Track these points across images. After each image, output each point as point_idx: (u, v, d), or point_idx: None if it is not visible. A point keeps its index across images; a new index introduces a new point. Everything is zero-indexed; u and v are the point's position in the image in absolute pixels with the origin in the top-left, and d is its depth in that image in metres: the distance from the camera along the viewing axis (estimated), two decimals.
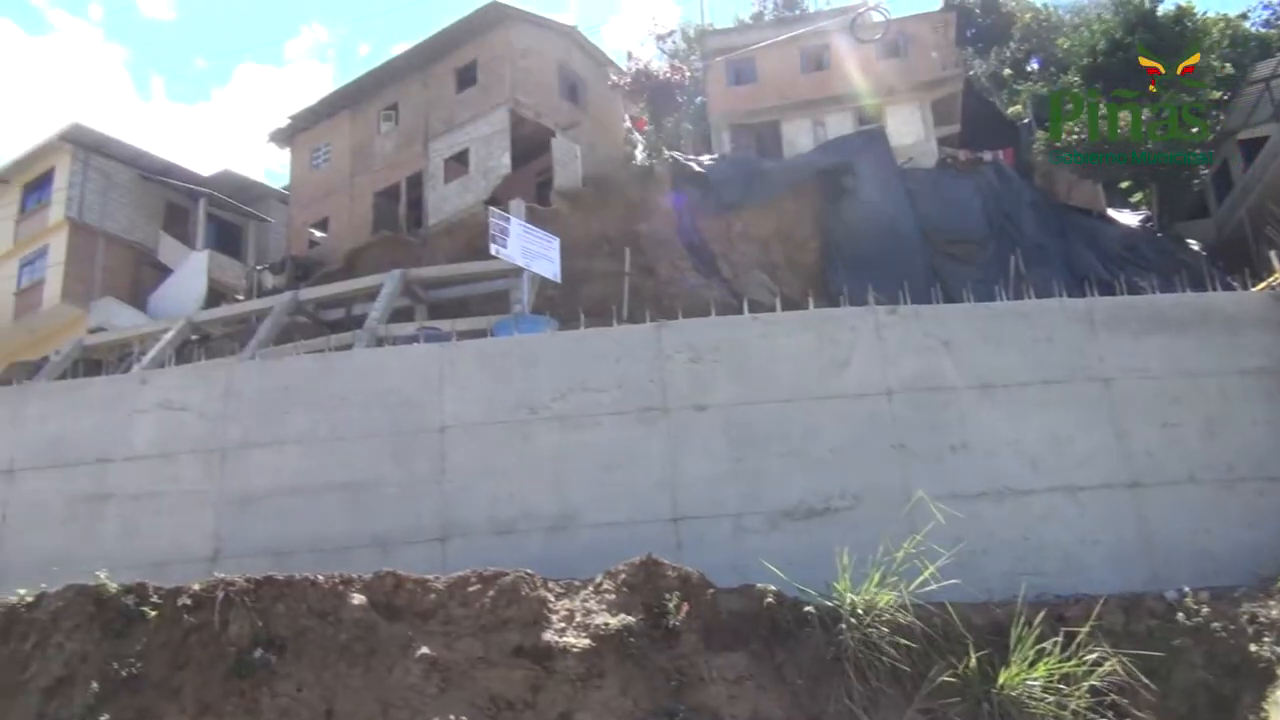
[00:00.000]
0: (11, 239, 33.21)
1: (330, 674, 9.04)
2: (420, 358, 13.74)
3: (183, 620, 9.51)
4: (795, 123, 32.18)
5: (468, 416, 12.68)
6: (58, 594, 10.00)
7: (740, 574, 10.41)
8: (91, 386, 14.97)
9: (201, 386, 13.60)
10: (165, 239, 33.52)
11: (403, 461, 12.58)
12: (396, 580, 9.86)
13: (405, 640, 9.31)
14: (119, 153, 33.34)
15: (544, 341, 14.22)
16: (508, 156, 29.56)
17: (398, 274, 25.49)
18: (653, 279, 26.15)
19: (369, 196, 32.56)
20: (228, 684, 9.04)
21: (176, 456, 13.04)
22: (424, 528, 12.18)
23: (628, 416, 12.50)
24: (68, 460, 13.25)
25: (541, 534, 12.00)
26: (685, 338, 12.89)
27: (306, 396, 13.15)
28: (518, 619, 9.43)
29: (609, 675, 9.09)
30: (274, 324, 25.39)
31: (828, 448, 12.23)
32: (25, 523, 13.03)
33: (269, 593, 9.57)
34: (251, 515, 12.58)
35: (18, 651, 9.75)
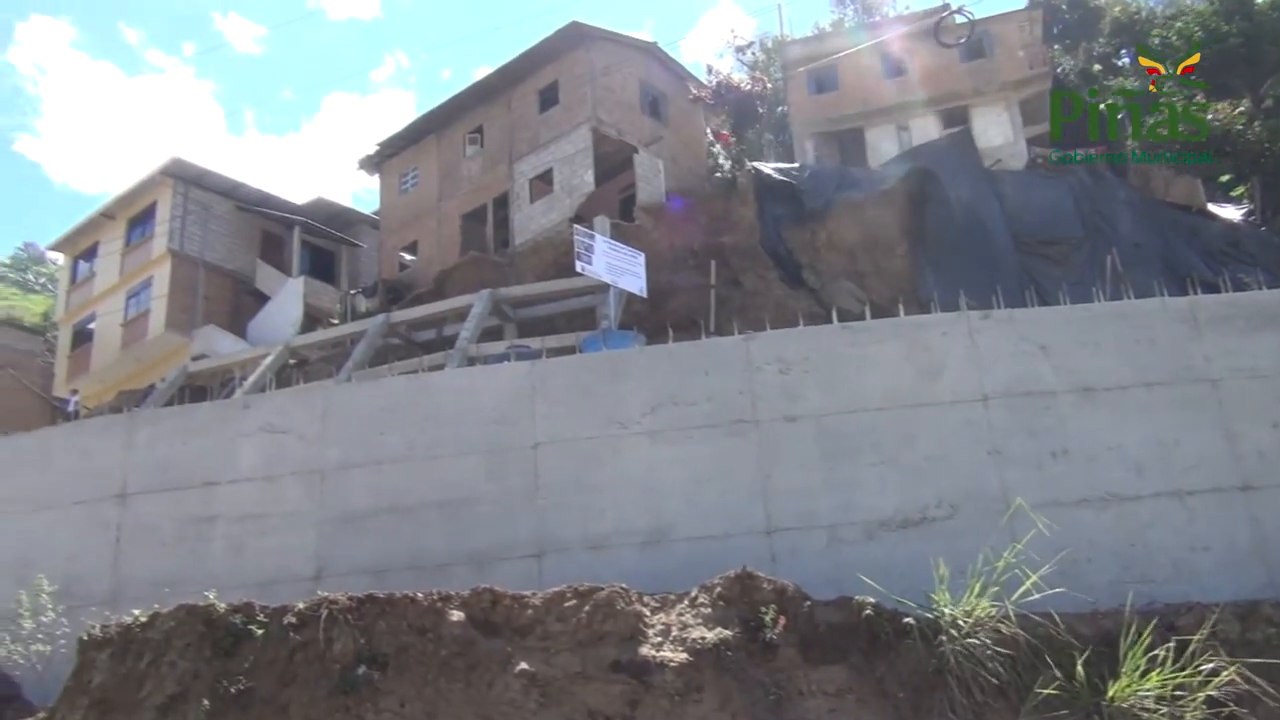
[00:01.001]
0: (118, 272, 34.53)
1: (432, 689, 9.17)
2: (511, 376, 13.89)
3: (289, 638, 9.74)
4: (879, 129, 31.90)
5: (559, 433, 12.77)
6: (170, 614, 10.33)
7: (836, 586, 10.28)
8: (197, 412, 15.44)
9: (301, 409, 13.92)
10: (262, 267, 34.52)
11: (497, 478, 12.71)
12: (494, 596, 9.95)
13: (504, 656, 9.39)
14: (216, 185, 34.47)
15: (632, 356, 14.27)
16: (591, 174, 29.81)
17: (486, 294, 25.85)
18: (739, 291, 26.09)
19: (456, 219, 33.11)
20: (333, 700, 9.22)
21: (279, 478, 13.36)
22: (519, 544, 12.29)
23: (718, 429, 12.46)
24: (176, 484, 13.68)
25: (635, 548, 12.01)
26: (774, 349, 12.82)
27: (402, 417, 13.37)
28: (614, 633, 9.45)
29: (707, 690, 9.04)
30: (368, 346, 25.93)
31: (923, 456, 12.04)
32: (138, 545, 13.48)
33: (371, 610, 9.74)
34: (352, 534, 12.83)
35: (133, 670, 10.08)
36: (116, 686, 9.99)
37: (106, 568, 13.35)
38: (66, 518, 13.82)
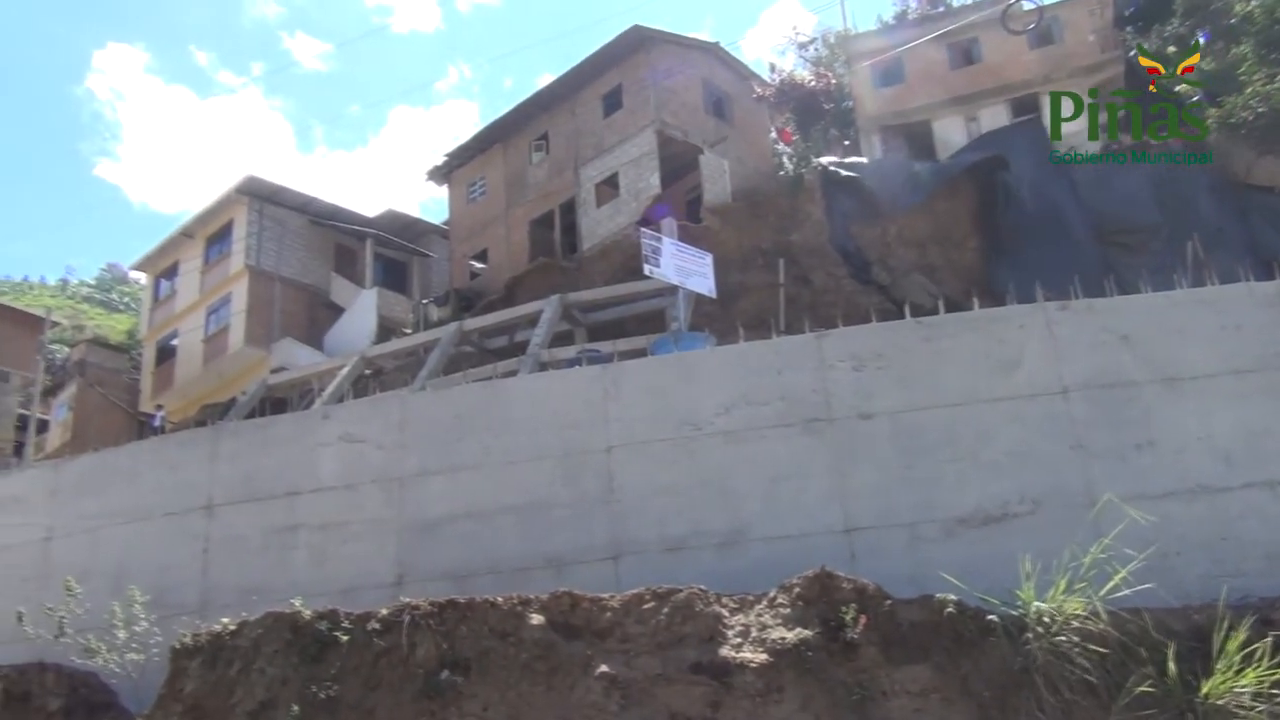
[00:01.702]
0: (198, 290, 35.41)
1: (514, 693, 9.25)
2: (583, 380, 13.95)
3: (373, 644, 9.90)
4: (947, 120, 31.45)
5: (633, 435, 12.79)
6: (257, 621, 10.56)
7: (917, 584, 10.15)
8: (278, 424, 15.75)
9: (378, 419, 14.13)
10: (336, 279, 35.15)
11: (572, 482, 12.77)
12: (573, 600, 10.01)
13: (585, 658, 9.44)
14: (290, 201, 35.17)
15: (704, 357, 14.25)
16: (657, 177, 29.84)
17: (556, 299, 26.02)
18: (809, 289, 25.93)
19: (525, 225, 33.38)
20: (418, 704, 9.36)
21: (359, 487, 13.58)
22: (596, 547, 12.33)
23: (792, 428, 12.37)
24: (260, 494, 13.97)
25: (712, 550, 11.98)
26: (847, 346, 12.70)
27: (477, 423, 13.50)
28: (694, 635, 9.44)
29: (788, 690, 8.99)
30: (442, 355, 26.25)
31: (1002, 451, 11.83)
32: (225, 555, 13.79)
33: (452, 615, 9.86)
34: (431, 540, 12.98)
35: (224, 677, 10.33)
36: (208, 693, 10.25)
37: (196, 577, 13.67)
38: (157, 530, 14.19)
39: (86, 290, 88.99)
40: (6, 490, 16.07)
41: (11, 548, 15.03)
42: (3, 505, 15.65)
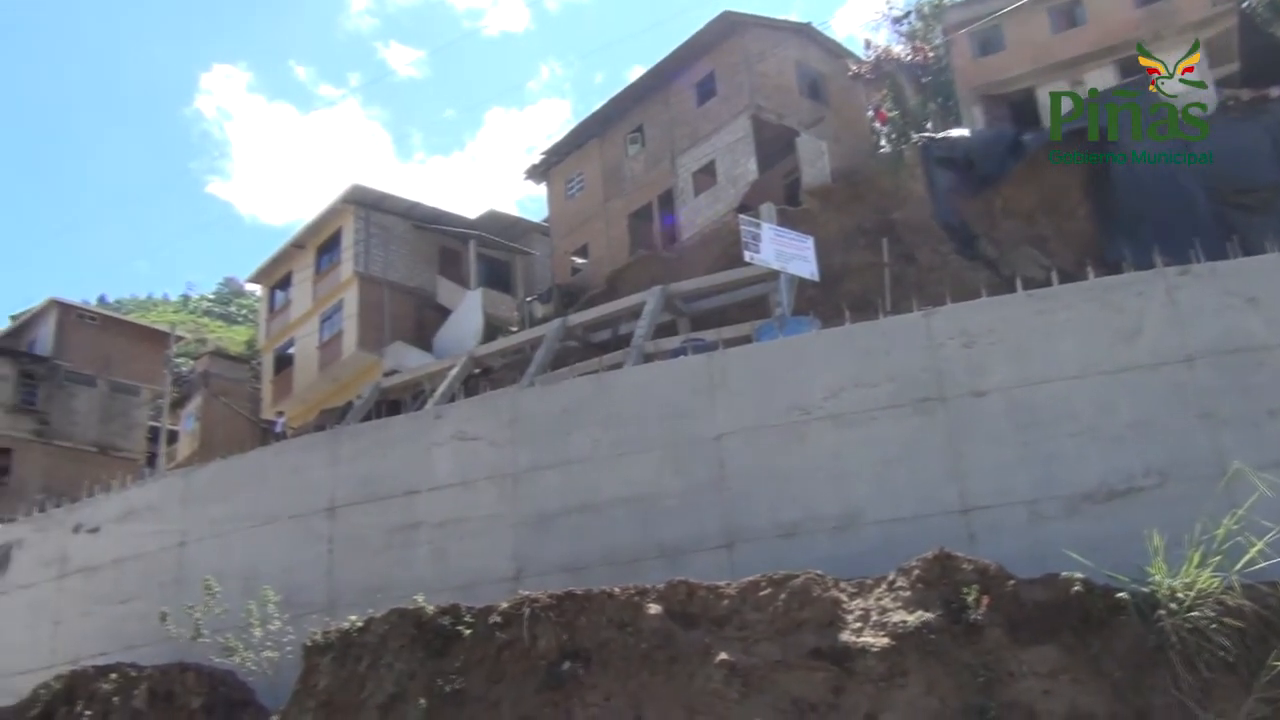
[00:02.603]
0: (311, 298, 36.45)
1: (635, 682, 9.31)
2: (689, 369, 13.95)
3: (495, 637, 10.08)
4: (1051, 85, 30.47)
5: (741, 423, 12.74)
6: (383, 618, 10.85)
7: (1040, 563, 9.88)
8: (393, 425, 16.11)
9: (489, 416, 14.36)
10: (442, 282, 35.80)
11: (682, 472, 12.79)
12: (689, 588, 10.03)
13: (703, 647, 9.45)
14: (394, 207, 35.94)
15: (810, 341, 14.12)
16: (753, 162, 29.67)
17: (658, 290, 26.07)
18: (914, 267, 25.48)
19: (623, 219, 33.52)
20: (541, 695, 9.50)
21: (474, 484, 13.82)
22: (709, 535, 12.33)
23: (903, 409, 12.17)
24: (379, 494, 14.32)
25: (826, 534, 11.87)
26: (956, 323, 12.44)
27: (585, 417, 13.62)
28: (812, 620, 9.38)
29: (912, 674, 8.86)
30: (547, 351, 26.55)
31: (1124, 423, 11.44)
32: (348, 554, 14.19)
33: (571, 607, 9.98)
34: (546, 534, 13.15)
35: (354, 672, 10.64)
36: (340, 688, 10.57)
37: (322, 577, 14.10)
38: (283, 532, 14.67)
39: (206, 304, 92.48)
40: (142, 499, 16.79)
41: (149, 554, 15.72)
42: (140, 513, 16.37)
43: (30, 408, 37.28)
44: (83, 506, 17.30)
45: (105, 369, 39.14)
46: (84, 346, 39.16)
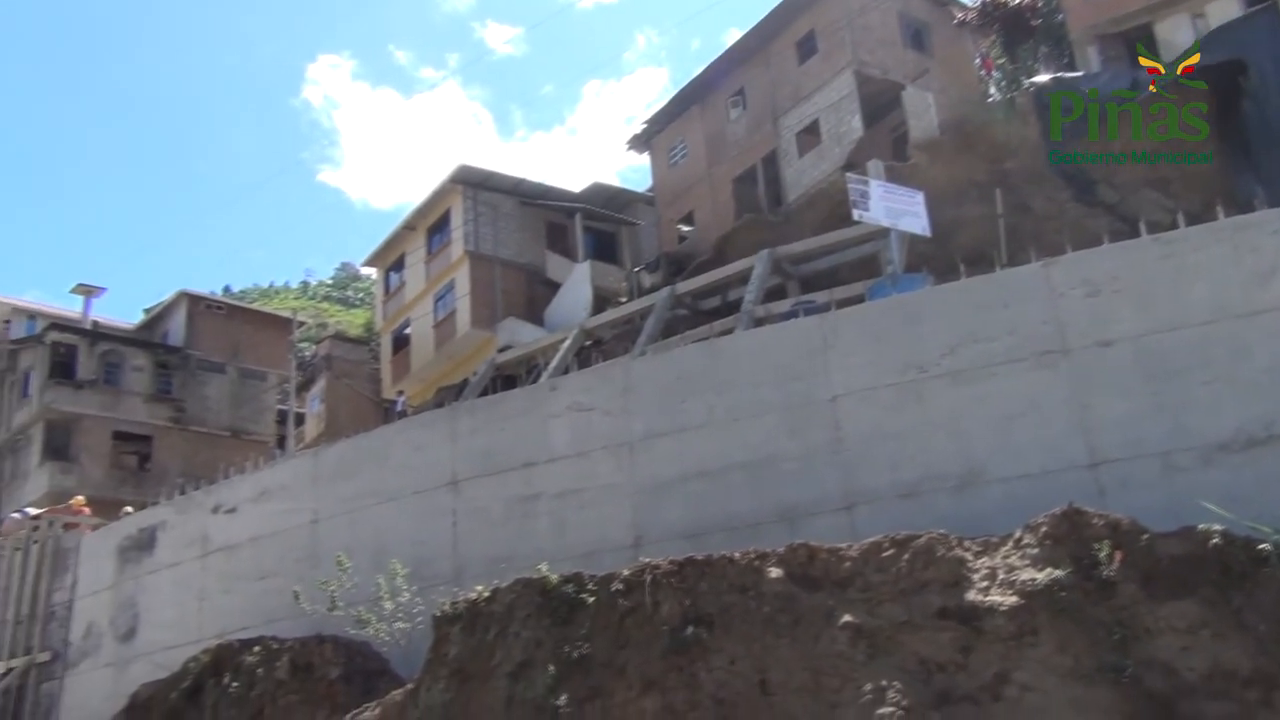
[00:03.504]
0: (424, 279, 37.16)
1: (759, 645, 9.33)
2: (802, 331, 13.81)
3: (618, 604, 10.20)
4: (1170, 20, 29.02)
5: (856, 383, 12.59)
6: (509, 588, 11.08)
7: (1174, 516, 9.54)
8: (509, 399, 16.38)
9: (603, 386, 14.48)
10: (550, 256, 36.11)
11: (798, 435, 12.71)
12: (810, 551, 9.98)
13: (826, 609, 9.40)
14: (500, 185, 36.32)
15: (925, 298, 13.85)
16: (858, 119, 29.09)
17: (766, 254, 25.82)
18: (1029, 217, 24.69)
19: (728, 184, 33.25)
20: (666, 660, 9.59)
21: (590, 454, 13.97)
22: (828, 498, 12.24)
23: (1024, 363, 11.86)
24: (499, 467, 14.60)
25: (948, 493, 11.67)
26: (1078, 272, 12.03)
27: (698, 384, 13.62)
28: (937, 580, 9.24)
29: (1042, 633, 8.67)
30: (657, 320, 26.57)
31: (1261, 369, 10.92)
32: (471, 527, 14.52)
33: (692, 573, 10.03)
34: (664, 501, 13.22)
35: (482, 641, 10.90)
36: (470, 657, 10.85)
37: (448, 549, 14.46)
38: (408, 507, 15.08)
39: (325, 290, 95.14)
40: (275, 480, 17.45)
41: (284, 531, 16.34)
42: (273, 493, 17.02)
43: (167, 396, 38.99)
44: (220, 488, 18.07)
45: (233, 356, 40.67)
46: (213, 335, 40.73)
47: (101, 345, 38.59)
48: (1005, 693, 8.48)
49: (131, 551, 19.03)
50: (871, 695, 8.56)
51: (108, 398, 37.78)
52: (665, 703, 9.34)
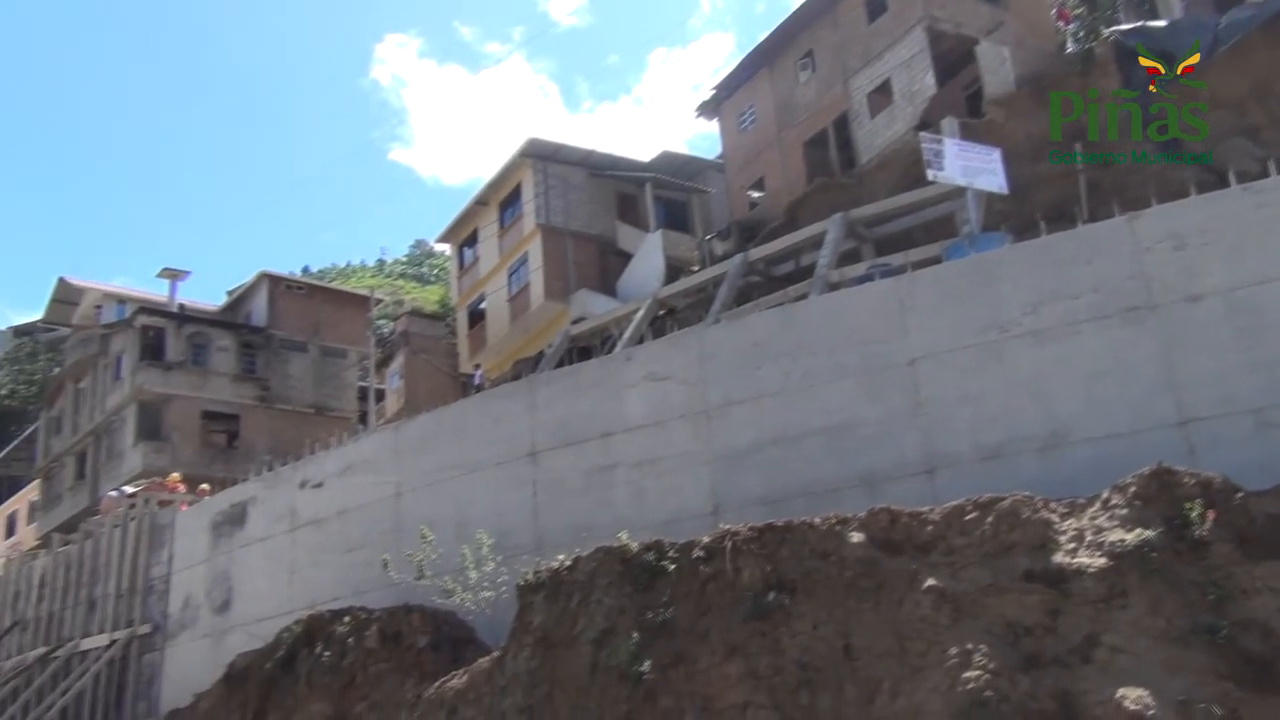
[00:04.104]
0: (498, 253, 37.42)
1: (841, 610, 9.30)
2: (878, 295, 13.66)
3: (699, 571, 10.25)
4: None
5: (935, 345, 12.42)
6: (590, 556, 11.20)
7: (1270, 474, 9.31)
8: (585, 370, 16.46)
9: (678, 356, 14.48)
10: (621, 227, 36.09)
11: (876, 399, 12.59)
12: (891, 516, 9.91)
13: (909, 573, 9.34)
14: (570, 157, 36.35)
15: (1004, 257, 13.56)
16: (931, 76, 28.46)
17: (838, 218, 25.49)
18: (1111, 171, 24.01)
19: (799, 147, 32.83)
20: (748, 625, 9.62)
21: (667, 423, 13.99)
22: (908, 462, 12.13)
23: (1109, 320, 11.58)
24: (576, 438, 14.71)
25: (1032, 455, 11.49)
26: (1164, 225, 11.70)
27: (773, 350, 13.55)
28: (1023, 543, 9.12)
29: (1133, 594, 8.52)
30: (730, 288, 26.42)
31: None
32: (551, 496, 14.67)
33: (772, 539, 10.03)
34: (741, 468, 13.21)
35: (566, 609, 11.04)
36: (554, 624, 10.99)
37: (528, 519, 14.63)
38: (489, 478, 15.28)
39: (400, 267, 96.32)
40: (359, 454, 17.80)
41: (369, 505, 16.68)
42: (357, 468, 17.37)
43: (252, 375, 39.91)
44: (306, 464, 18.49)
45: (314, 335, 41.45)
46: (294, 315, 41.53)
47: (188, 327, 39.59)
48: (1095, 655, 8.35)
49: (224, 526, 19.60)
50: (957, 659, 8.50)
51: (196, 378, 38.80)
52: (749, 668, 9.38)
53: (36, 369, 74.78)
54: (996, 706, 8.03)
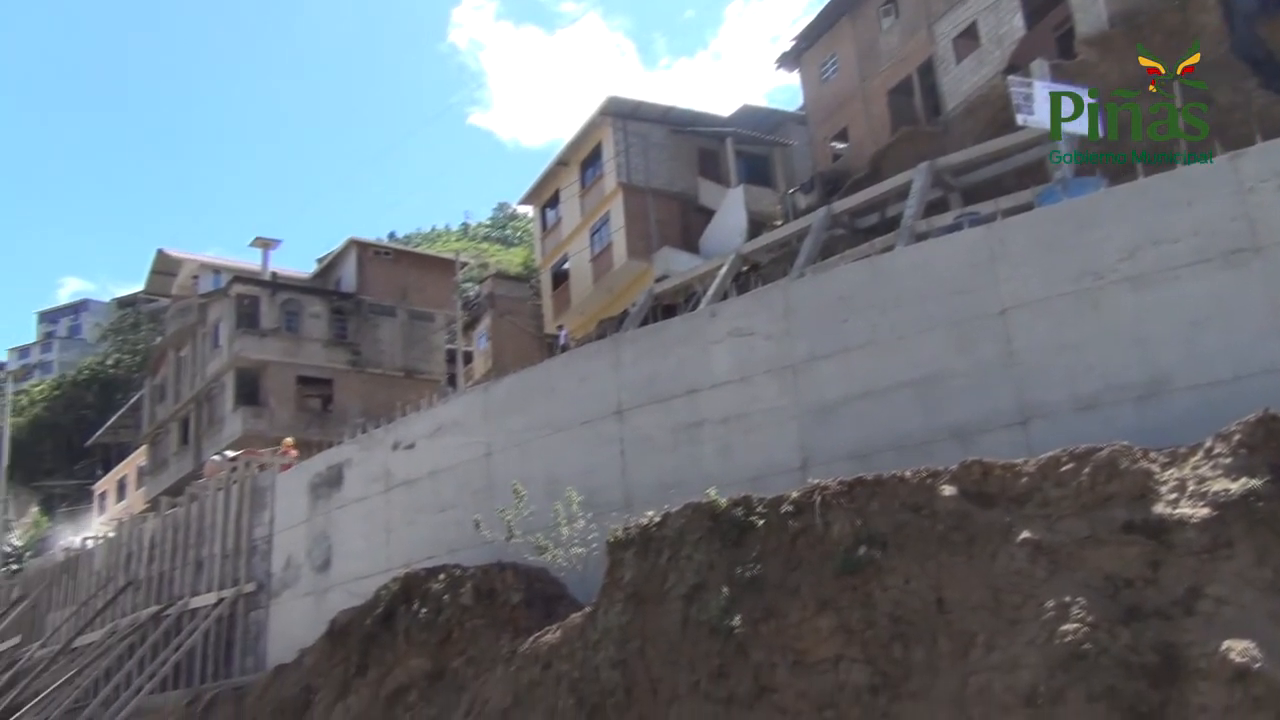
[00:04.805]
0: (579, 213, 37.53)
1: (933, 564, 9.21)
2: (967, 244, 13.37)
3: (788, 526, 10.22)
4: None
5: (1027, 294, 12.13)
6: (678, 513, 11.24)
7: None
8: (670, 327, 16.44)
9: (763, 311, 14.37)
10: (702, 183, 35.88)
11: (966, 350, 12.37)
12: (984, 468, 9.75)
13: (1003, 526, 9.19)
14: (649, 114, 36.18)
15: (1099, 201, 13.15)
16: (1019, 17, 27.62)
17: (925, 167, 25.00)
18: (1211, 110, 23.07)
19: (882, 96, 32.21)
20: (839, 581, 9.57)
21: (753, 379, 13.93)
22: (1000, 413, 11.91)
23: (1210, 264, 11.18)
24: (662, 395, 14.73)
25: (1130, 404, 11.18)
26: (1270, 163, 11.21)
27: (860, 302, 13.38)
28: (1121, 494, 8.90)
29: (1238, 545, 8.27)
30: (814, 241, 26.14)
31: None
32: (638, 454, 14.75)
33: (862, 493, 9.95)
34: (830, 423, 13.12)
35: (655, 565, 11.11)
36: (644, 581, 11.08)
37: (616, 477, 14.74)
38: (577, 437, 15.41)
39: (484, 230, 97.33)
40: (449, 415, 18.09)
41: (460, 465, 16.96)
42: (448, 429, 17.66)
43: (343, 341, 40.81)
44: (398, 426, 18.86)
45: (402, 299, 42.17)
46: (382, 280, 42.29)
47: (281, 295, 40.55)
48: (1199, 607, 8.14)
49: (322, 488, 20.12)
50: (1054, 612, 8.36)
51: (289, 344, 39.79)
52: (840, 622, 9.35)
53: (139, 339, 77.55)
54: (1096, 659, 7.89)
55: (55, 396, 77.75)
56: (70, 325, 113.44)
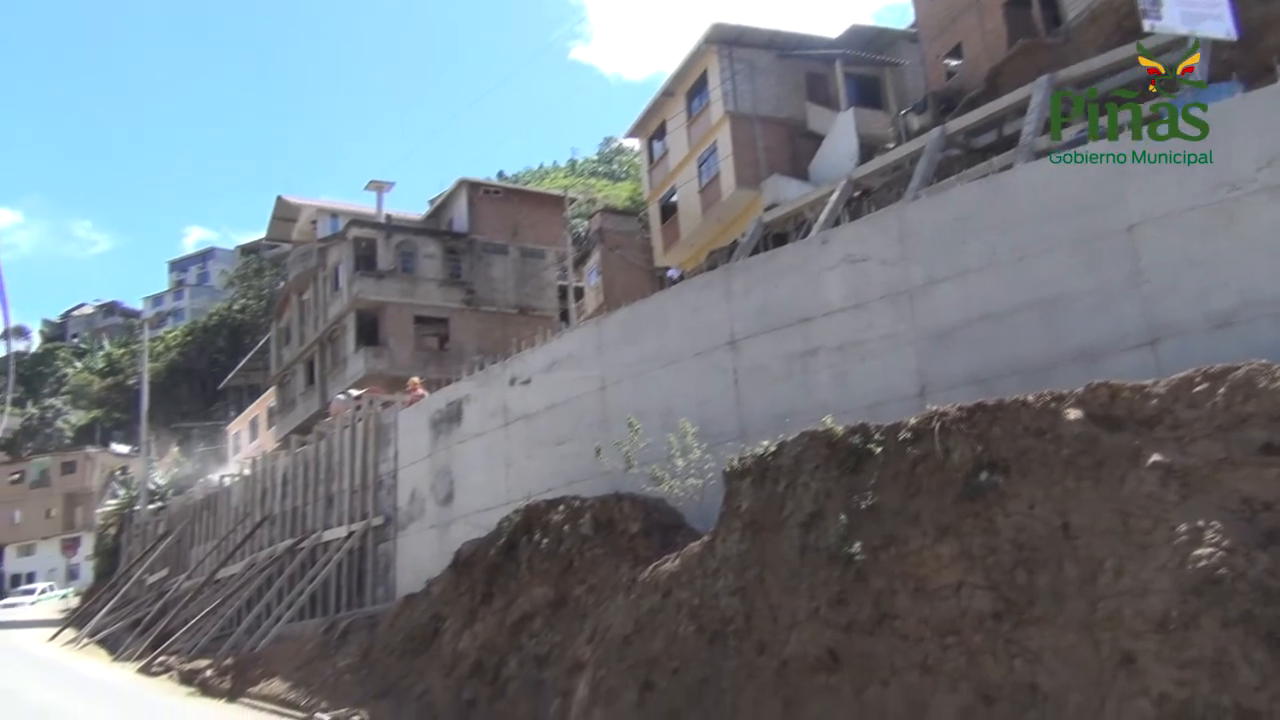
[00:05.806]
0: (686, 144, 37.18)
1: (1059, 489, 8.99)
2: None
3: (906, 453, 10.08)
4: None
5: (1156, 209, 11.61)
6: (794, 441, 11.19)
7: None
8: (781, 255, 16.26)
9: (877, 235, 14.08)
10: (811, 108, 35.13)
11: (1091, 270, 11.93)
12: (1111, 390, 9.43)
13: (1132, 450, 8.90)
14: (755, 40, 35.47)
15: (1235, 107, 12.43)
16: None
17: (1045, 81, 23.99)
18: None
19: (998, 9, 30.95)
20: (960, 507, 9.43)
21: (868, 305, 13.72)
22: (1127, 334, 11.50)
23: None
24: (775, 324, 14.63)
25: (1268, 321, 10.65)
26: None
27: (978, 223, 13.01)
28: (1260, 414, 8.50)
29: None
30: (928, 163, 25.43)
31: None
32: (752, 384, 14.72)
33: (983, 418, 9.74)
34: (948, 348, 12.86)
35: (773, 494, 11.11)
36: (761, 509, 11.10)
37: (731, 407, 14.75)
38: (690, 368, 15.45)
39: (591, 165, 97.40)
40: (563, 349, 18.30)
41: (575, 398, 17.20)
42: (562, 363, 17.88)
43: (457, 280, 41.53)
44: (514, 362, 19.19)
45: (513, 237, 42.62)
46: (493, 219, 42.78)
47: (396, 237, 41.38)
48: None
49: (443, 424, 20.65)
50: (1187, 536, 8.09)
51: (406, 285, 40.66)
52: (962, 548, 9.23)
53: (264, 284, 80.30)
54: (1232, 584, 7.63)
55: (188, 342, 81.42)
56: (199, 273, 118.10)
